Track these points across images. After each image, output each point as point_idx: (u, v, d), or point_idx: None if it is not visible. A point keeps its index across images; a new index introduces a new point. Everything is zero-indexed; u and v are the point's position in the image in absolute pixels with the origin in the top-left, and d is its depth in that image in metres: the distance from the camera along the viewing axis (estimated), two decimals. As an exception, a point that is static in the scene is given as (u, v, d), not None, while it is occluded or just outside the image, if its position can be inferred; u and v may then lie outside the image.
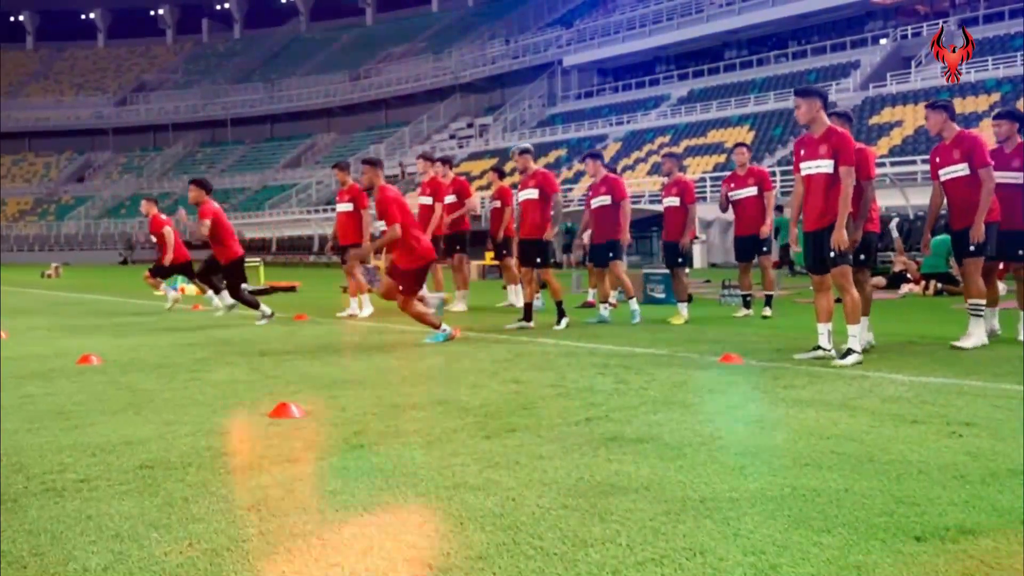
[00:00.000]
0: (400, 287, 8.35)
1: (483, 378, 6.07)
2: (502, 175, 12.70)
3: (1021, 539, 2.71)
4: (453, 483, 3.41)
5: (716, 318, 10.51)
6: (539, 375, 6.18)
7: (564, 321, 9.48)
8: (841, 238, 6.46)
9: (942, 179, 7.56)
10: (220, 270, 11.13)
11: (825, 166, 6.60)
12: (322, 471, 3.63)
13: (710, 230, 30.10)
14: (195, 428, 4.49)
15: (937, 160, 7.61)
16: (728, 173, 12.07)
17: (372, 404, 5.10)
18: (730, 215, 11.09)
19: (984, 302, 7.45)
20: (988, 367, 6.27)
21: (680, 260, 10.25)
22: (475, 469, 3.61)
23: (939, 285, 13.83)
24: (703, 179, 34.59)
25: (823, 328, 6.77)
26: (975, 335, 7.30)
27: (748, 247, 10.60)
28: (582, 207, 13.05)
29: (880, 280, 15.08)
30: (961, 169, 7.37)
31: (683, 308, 10.10)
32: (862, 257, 7.17)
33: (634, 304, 10.09)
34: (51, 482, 3.51)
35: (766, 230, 10.38)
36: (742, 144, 11.07)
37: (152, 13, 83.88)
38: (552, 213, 9.58)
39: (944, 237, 11.59)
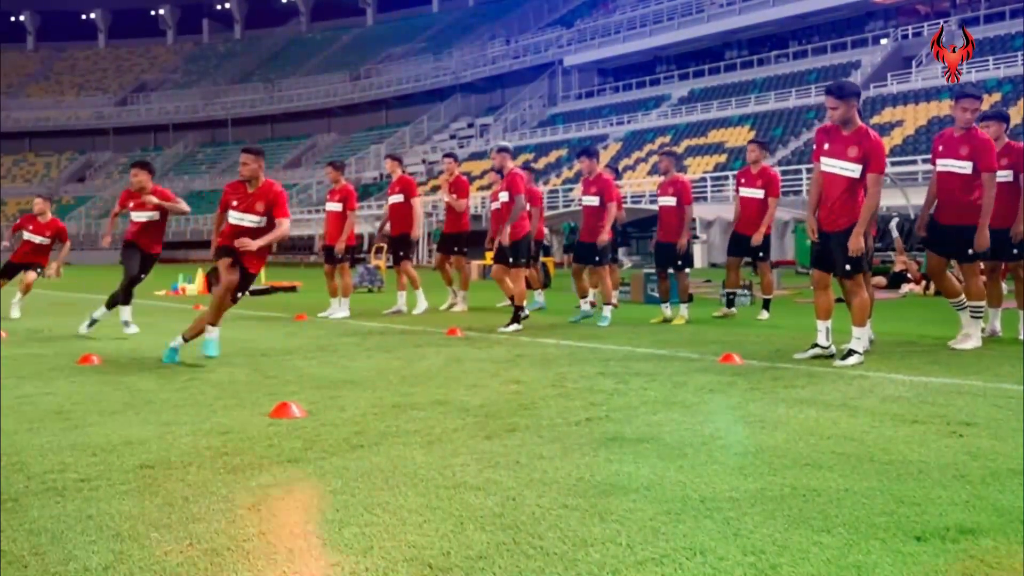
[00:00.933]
0: (238, 289, 7.41)
1: (483, 378, 6.08)
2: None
3: (1021, 539, 2.71)
4: (453, 483, 3.41)
5: (717, 318, 10.50)
6: (539, 375, 6.18)
7: (513, 326, 9.36)
8: (859, 245, 6.37)
9: (939, 170, 7.48)
10: (146, 267, 9.51)
11: (851, 170, 6.44)
12: (322, 471, 3.63)
13: (710, 230, 30.10)
14: (195, 428, 4.49)
15: (940, 149, 7.49)
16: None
17: (372, 404, 5.10)
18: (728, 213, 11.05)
19: (983, 303, 7.44)
20: (988, 367, 6.27)
21: (680, 263, 10.20)
22: (475, 469, 3.61)
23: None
24: (703, 179, 34.61)
25: (822, 325, 6.75)
26: (974, 336, 7.30)
27: (742, 245, 10.55)
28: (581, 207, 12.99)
29: (881, 280, 15.08)
30: (964, 167, 7.27)
31: (684, 309, 10.12)
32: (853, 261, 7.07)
33: (607, 311, 10.07)
34: (51, 482, 3.52)
35: (758, 237, 10.23)
36: (755, 141, 10.90)
37: (152, 13, 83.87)
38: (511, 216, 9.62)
39: None
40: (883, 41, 43.99)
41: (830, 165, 6.57)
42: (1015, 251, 7.62)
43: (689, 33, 49.58)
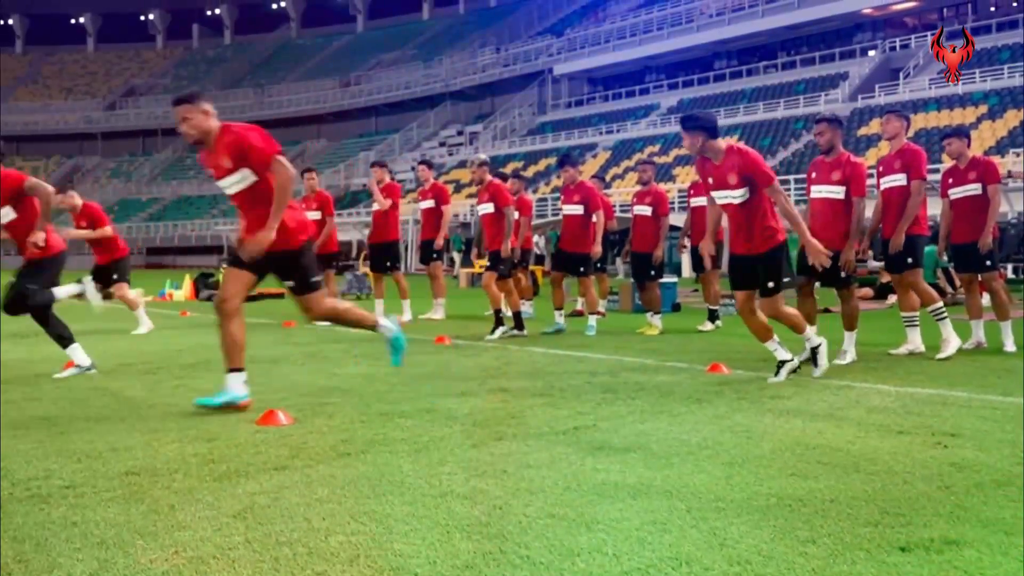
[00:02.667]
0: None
1: (471, 386, 6.07)
2: (503, 180, 12.66)
3: (1005, 550, 2.72)
4: (440, 491, 3.41)
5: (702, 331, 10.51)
6: (527, 384, 6.18)
7: (499, 331, 9.44)
8: (815, 251, 6.26)
9: (881, 188, 7.69)
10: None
11: (737, 196, 6.15)
12: (309, 479, 3.62)
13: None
14: (181, 435, 4.47)
15: (880, 169, 7.73)
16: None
17: (359, 412, 5.09)
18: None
19: (941, 304, 7.58)
20: (973, 378, 6.30)
21: (652, 272, 10.19)
22: (462, 478, 3.61)
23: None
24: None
25: (772, 345, 6.33)
26: (951, 341, 7.37)
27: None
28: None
29: (867, 291, 15.16)
30: (899, 179, 7.47)
31: (656, 319, 10.08)
32: (843, 275, 7.08)
33: (593, 320, 10.00)
34: (36, 488, 3.50)
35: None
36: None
37: (142, 18, 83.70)
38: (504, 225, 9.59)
39: (931, 248, 11.69)
40: (871, 53, 44.26)
41: (722, 197, 6.35)
42: (987, 263, 7.78)
43: (679, 43, 49.77)
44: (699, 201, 10.50)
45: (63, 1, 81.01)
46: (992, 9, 43.09)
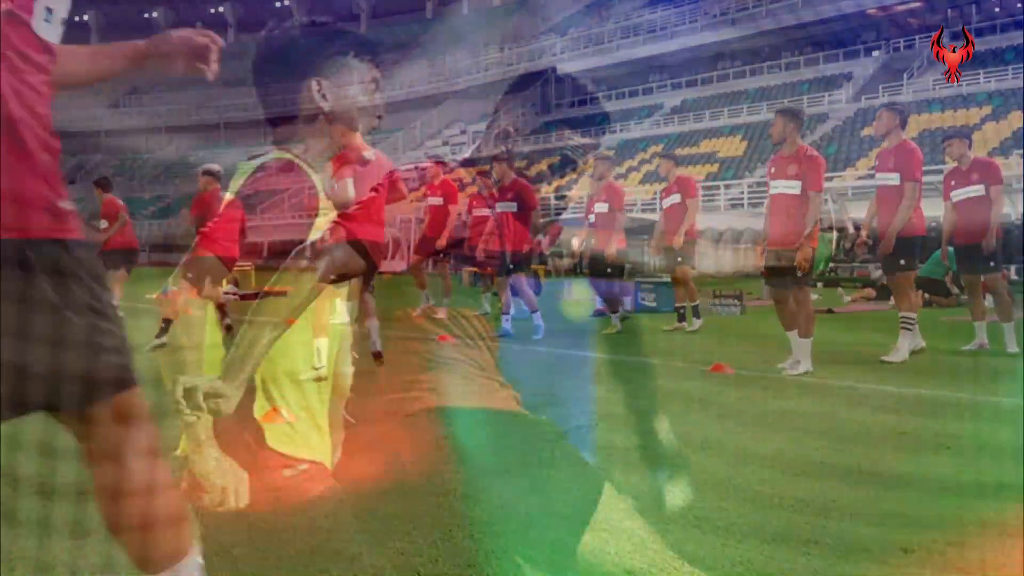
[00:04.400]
0: None
1: (474, 384, 6.07)
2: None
3: (1008, 552, 2.72)
4: (443, 490, 3.40)
5: (706, 328, 10.50)
6: (530, 382, 6.17)
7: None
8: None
9: (876, 183, 7.65)
10: None
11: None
12: (311, 476, 3.61)
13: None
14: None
15: (877, 164, 7.66)
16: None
17: (361, 409, 5.09)
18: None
19: (914, 315, 7.47)
20: (977, 379, 6.30)
21: (608, 270, 9.94)
22: (465, 476, 3.61)
23: (926, 296, 13.84)
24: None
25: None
26: (903, 350, 7.23)
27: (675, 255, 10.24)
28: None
29: (870, 292, 15.15)
30: (892, 178, 7.38)
31: (614, 319, 9.96)
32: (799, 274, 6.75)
33: (538, 318, 9.42)
34: (40, 485, 3.50)
35: (679, 240, 9.89)
36: (666, 155, 10.75)
37: (146, 16, 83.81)
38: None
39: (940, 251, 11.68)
40: (875, 53, 44.21)
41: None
42: (991, 264, 7.76)
43: (683, 43, 49.73)
44: (668, 202, 10.32)
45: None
46: (996, 10, 43.02)
